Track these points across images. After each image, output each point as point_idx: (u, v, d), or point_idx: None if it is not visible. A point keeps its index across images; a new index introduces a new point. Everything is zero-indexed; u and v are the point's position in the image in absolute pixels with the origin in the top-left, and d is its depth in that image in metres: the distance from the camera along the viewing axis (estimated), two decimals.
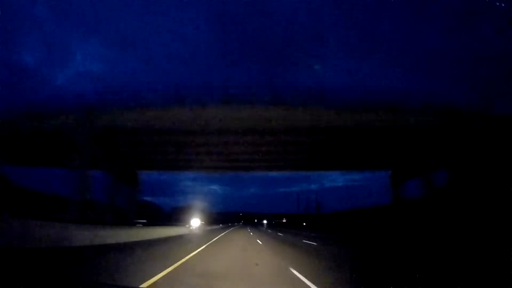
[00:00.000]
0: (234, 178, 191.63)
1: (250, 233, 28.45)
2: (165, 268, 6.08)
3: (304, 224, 57.54)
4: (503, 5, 13.09)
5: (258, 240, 16.57)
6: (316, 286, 4.69)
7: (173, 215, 44.55)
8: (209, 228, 40.09)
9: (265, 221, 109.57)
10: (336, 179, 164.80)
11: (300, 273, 5.76)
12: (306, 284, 4.91)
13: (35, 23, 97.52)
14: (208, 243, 13.79)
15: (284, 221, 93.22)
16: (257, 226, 73.19)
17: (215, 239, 17.45)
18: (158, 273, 5.46)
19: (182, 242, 15.34)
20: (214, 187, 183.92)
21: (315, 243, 14.94)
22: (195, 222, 34.31)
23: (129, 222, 23.76)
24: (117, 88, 20.05)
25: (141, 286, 4.51)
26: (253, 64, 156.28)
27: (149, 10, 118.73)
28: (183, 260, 7.63)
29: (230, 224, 74.32)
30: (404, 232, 19.80)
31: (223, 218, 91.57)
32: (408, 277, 5.61)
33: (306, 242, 15.68)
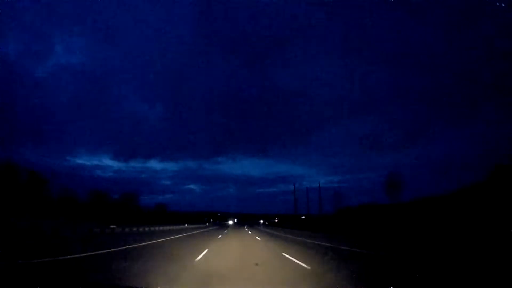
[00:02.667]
0: (213, 178, 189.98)
1: None
2: None
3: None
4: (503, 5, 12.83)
5: None
6: None
7: None
8: None
9: (230, 222, 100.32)
10: (316, 180, 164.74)
11: None
12: None
13: (17, 13, 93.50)
14: None
15: (276, 220, 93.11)
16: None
17: None
18: None
19: None
20: (192, 186, 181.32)
21: None
22: None
23: None
24: None
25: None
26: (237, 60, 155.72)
27: (133, 4, 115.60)
28: None
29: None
30: None
31: (199, 217, 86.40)
32: None
33: None
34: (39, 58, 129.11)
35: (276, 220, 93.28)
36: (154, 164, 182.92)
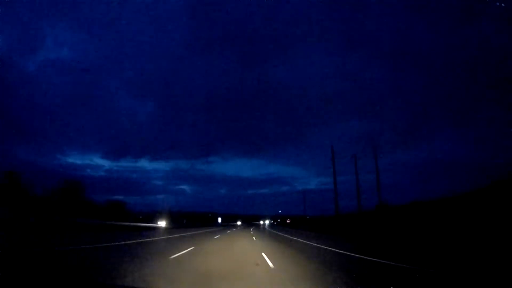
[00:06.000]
0: (205, 178, 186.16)
1: None
2: None
3: None
4: (503, 4, 13.03)
5: None
6: None
7: None
8: None
9: (161, 223, 67.35)
10: (308, 181, 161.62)
11: None
12: None
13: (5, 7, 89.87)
14: None
15: (288, 221, 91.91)
16: None
17: None
18: None
19: None
20: (184, 187, 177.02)
21: None
22: None
23: None
24: None
25: None
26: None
27: None
28: None
29: None
30: None
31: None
32: None
33: None
34: (28, 53, 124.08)
35: (288, 221, 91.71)
36: (145, 163, 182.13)
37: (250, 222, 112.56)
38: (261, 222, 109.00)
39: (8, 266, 6.16)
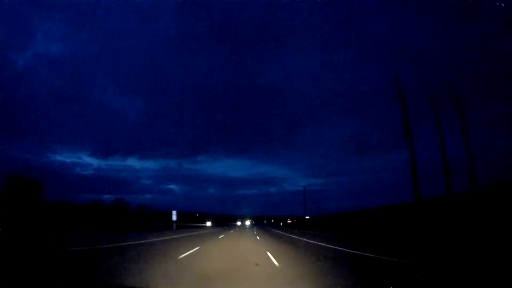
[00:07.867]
0: (194, 178, 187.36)
1: None
2: None
3: None
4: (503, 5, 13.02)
5: None
6: None
7: None
8: None
9: None
10: (297, 182, 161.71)
11: None
12: None
13: None
14: None
15: (289, 221, 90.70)
16: None
17: None
18: None
19: None
20: (172, 186, 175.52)
21: None
22: None
23: None
24: None
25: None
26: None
27: None
28: None
29: None
30: None
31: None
32: None
33: None
34: (17, 49, 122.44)
35: (288, 221, 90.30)
36: (134, 162, 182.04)
37: (233, 222, 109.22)
38: (239, 223, 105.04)
39: None
